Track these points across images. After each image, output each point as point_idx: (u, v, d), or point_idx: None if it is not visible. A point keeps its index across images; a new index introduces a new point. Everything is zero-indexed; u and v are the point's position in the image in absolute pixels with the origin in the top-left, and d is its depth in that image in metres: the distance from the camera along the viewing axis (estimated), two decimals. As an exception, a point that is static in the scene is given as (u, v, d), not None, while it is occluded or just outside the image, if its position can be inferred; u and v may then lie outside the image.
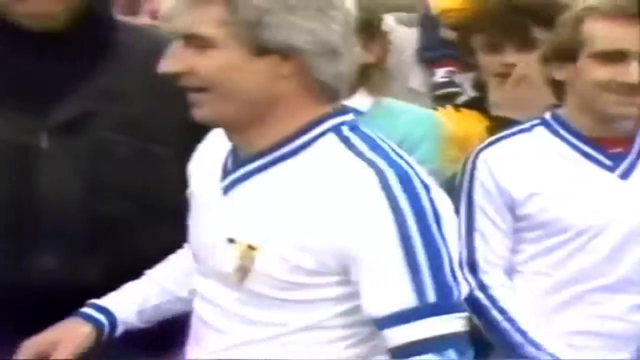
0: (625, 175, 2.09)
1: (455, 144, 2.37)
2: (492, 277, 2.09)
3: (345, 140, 1.46)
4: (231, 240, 1.46)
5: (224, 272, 1.47)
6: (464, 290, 1.45)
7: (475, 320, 2.04)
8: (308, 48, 1.41)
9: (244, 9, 1.38)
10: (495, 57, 2.42)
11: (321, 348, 1.47)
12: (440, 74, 3.13)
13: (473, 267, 2.09)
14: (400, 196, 1.38)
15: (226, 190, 1.50)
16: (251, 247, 1.43)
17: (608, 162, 2.08)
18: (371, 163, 1.41)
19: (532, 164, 2.08)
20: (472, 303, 2.02)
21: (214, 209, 1.53)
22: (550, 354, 2.01)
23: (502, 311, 2.07)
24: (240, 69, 1.41)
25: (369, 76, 2.26)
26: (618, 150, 2.09)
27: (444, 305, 1.40)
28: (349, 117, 1.51)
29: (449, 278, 1.41)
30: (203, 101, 1.45)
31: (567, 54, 2.05)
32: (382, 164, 1.41)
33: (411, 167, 1.44)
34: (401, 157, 1.45)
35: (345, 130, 1.47)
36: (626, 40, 1.99)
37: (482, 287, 2.08)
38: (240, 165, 1.49)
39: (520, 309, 2.07)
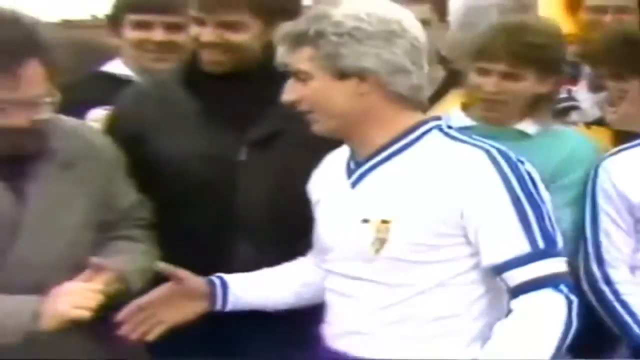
0: None
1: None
2: (617, 272, 2.31)
3: (448, 135, 1.89)
4: (365, 221, 1.86)
5: (361, 248, 1.86)
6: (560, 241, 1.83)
7: (599, 311, 2.31)
8: (378, 69, 1.83)
9: (324, 46, 1.82)
10: (619, 84, 2.59)
11: (444, 306, 1.84)
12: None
13: (600, 262, 2.33)
14: (506, 168, 1.81)
15: (354, 184, 1.92)
16: (384, 222, 1.84)
17: None
18: (477, 146, 1.84)
19: None
20: (597, 295, 2.31)
21: (344, 201, 1.93)
22: None
23: (624, 305, 2.29)
24: (330, 92, 1.85)
25: (539, 106, 2.43)
26: None
27: (551, 250, 1.80)
28: (443, 122, 1.93)
29: (551, 229, 1.80)
30: (314, 119, 1.90)
31: None
32: (485, 145, 1.84)
33: (507, 150, 1.85)
34: (495, 144, 1.86)
35: (445, 128, 1.90)
36: None
37: (608, 281, 2.31)
38: (361, 164, 1.91)
39: None
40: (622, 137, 2.50)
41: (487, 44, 2.36)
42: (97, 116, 2.54)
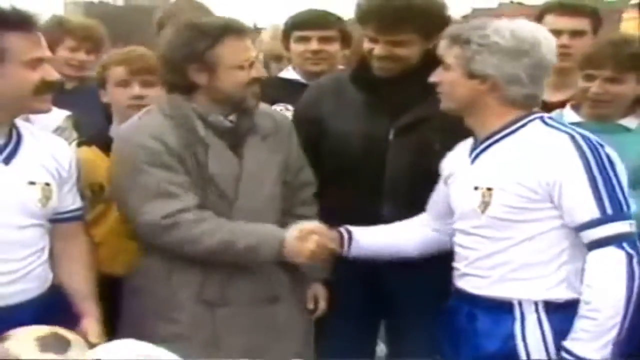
0: None
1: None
2: None
3: (546, 124, 2.40)
4: (476, 188, 2.41)
5: (473, 208, 2.40)
6: (633, 207, 2.30)
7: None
8: (496, 76, 2.36)
9: (467, 50, 2.36)
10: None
11: (534, 255, 2.36)
12: None
13: None
14: (586, 149, 2.31)
15: (472, 161, 2.47)
16: (489, 189, 2.38)
17: None
18: (565, 132, 2.36)
19: None
20: None
21: (465, 174, 2.48)
22: None
23: None
24: (460, 84, 2.39)
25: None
26: None
27: (617, 215, 2.29)
28: (546, 114, 2.44)
29: (620, 198, 2.29)
30: (443, 98, 2.46)
31: None
32: (572, 132, 2.35)
33: (590, 135, 2.34)
34: (582, 131, 2.36)
35: (546, 118, 2.41)
36: None
37: None
38: (478, 145, 2.46)
39: None
40: None
41: (594, 54, 2.85)
42: None
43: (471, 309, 2.43)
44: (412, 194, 2.75)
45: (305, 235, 2.55)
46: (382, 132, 2.83)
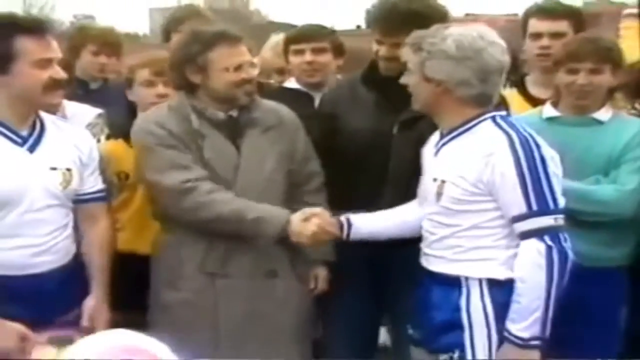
0: None
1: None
2: None
3: (495, 123, 2.65)
4: (434, 179, 2.70)
5: (432, 197, 2.69)
6: (561, 203, 2.56)
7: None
8: (446, 80, 2.63)
9: (420, 56, 2.64)
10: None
11: (479, 240, 2.64)
12: None
13: None
14: (519, 150, 2.56)
15: (435, 153, 2.75)
16: (443, 181, 2.66)
17: None
18: (505, 132, 2.61)
19: None
20: None
21: (429, 165, 2.78)
22: None
23: None
24: (420, 87, 2.69)
25: (612, 95, 3.18)
26: None
27: (542, 211, 2.54)
28: (501, 113, 2.71)
29: (549, 197, 2.54)
30: (412, 99, 2.74)
31: None
32: (511, 132, 2.60)
33: (531, 135, 2.58)
34: (526, 130, 2.60)
35: (497, 118, 2.67)
36: None
37: None
38: (441, 139, 2.73)
39: None
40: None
41: (576, 49, 3.09)
42: None
43: (429, 284, 2.73)
44: (412, 183, 2.99)
45: (309, 218, 2.85)
46: (387, 127, 3.11)
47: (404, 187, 3.02)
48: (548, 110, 3.16)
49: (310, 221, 2.84)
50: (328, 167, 3.19)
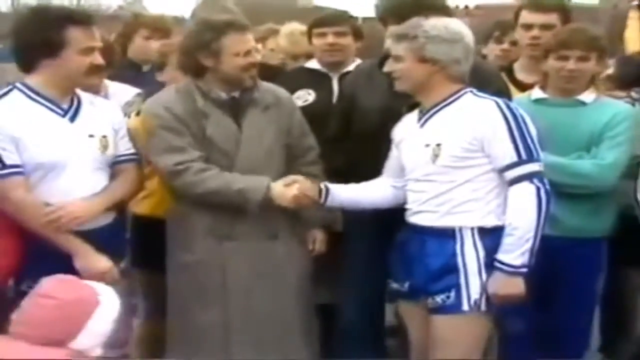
0: None
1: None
2: None
3: (475, 95, 3.05)
4: (427, 145, 3.04)
5: (426, 160, 3.03)
6: (541, 152, 2.96)
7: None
8: (444, 59, 3.00)
9: (418, 42, 3.01)
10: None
11: (472, 193, 3.00)
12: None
13: None
14: (507, 111, 2.97)
15: (422, 125, 3.10)
16: (438, 144, 3.01)
17: None
18: (491, 99, 3.01)
19: None
20: None
21: (416, 136, 3.10)
22: None
23: None
24: (414, 69, 3.04)
25: (595, 80, 3.50)
26: None
27: (530, 159, 2.94)
28: (474, 89, 3.07)
29: (533, 148, 2.94)
30: (399, 82, 3.09)
31: None
32: (497, 99, 3.00)
33: (508, 101, 3.00)
34: (503, 99, 3.02)
35: (475, 91, 3.06)
36: None
37: None
38: (426, 112, 3.09)
39: None
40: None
41: (567, 38, 3.41)
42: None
43: (422, 238, 3.05)
44: None
45: (290, 183, 3.22)
46: (397, 107, 3.37)
47: None
48: (537, 93, 3.48)
49: (291, 186, 3.20)
50: (347, 140, 3.55)
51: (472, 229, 2.98)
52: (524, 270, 2.93)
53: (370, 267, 3.49)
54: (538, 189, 2.92)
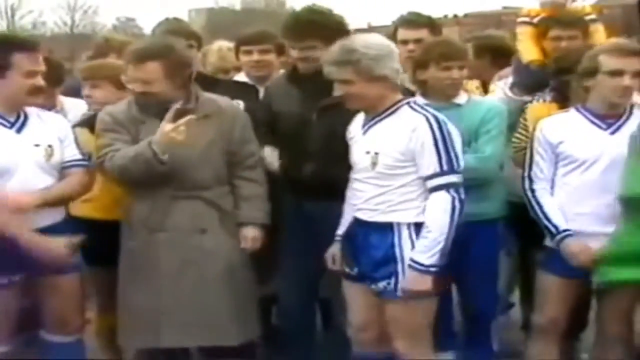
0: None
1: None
2: (538, 185, 3.68)
3: (412, 107, 3.42)
4: (367, 152, 3.42)
5: (366, 166, 3.42)
6: (462, 165, 3.34)
7: (529, 207, 3.69)
8: (388, 74, 3.36)
9: (360, 65, 3.32)
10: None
11: (405, 195, 3.38)
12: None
13: (530, 179, 3.70)
14: (435, 126, 3.34)
15: (364, 132, 3.50)
16: (376, 153, 3.39)
17: None
18: (422, 114, 3.38)
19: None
20: (527, 197, 3.70)
21: (359, 141, 3.50)
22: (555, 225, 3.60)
23: (539, 204, 3.67)
24: (367, 89, 3.36)
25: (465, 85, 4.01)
26: None
27: (449, 171, 3.33)
28: (414, 99, 3.48)
29: (454, 161, 3.33)
30: (352, 103, 3.45)
31: None
32: (427, 114, 3.38)
33: (439, 116, 3.36)
34: (434, 113, 3.38)
35: (412, 103, 3.44)
36: None
37: (532, 190, 3.69)
38: (369, 120, 3.46)
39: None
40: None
41: (448, 51, 3.86)
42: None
43: (366, 230, 3.45)
44: (329, 158, 3.80)
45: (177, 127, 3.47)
46: (308, 113, 3.84)
47: (325, 161, 3.82)
48: (419, 100, 3.79)
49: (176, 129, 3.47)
50: (272, 143, 3.99)
51: (408, 224, 3.37)
52: (434, 269, 3.31)
53: (304, 256, 3.88)
54: (453, 198, 3.30)
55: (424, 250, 3.31)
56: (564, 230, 3.60)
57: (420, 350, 3.47)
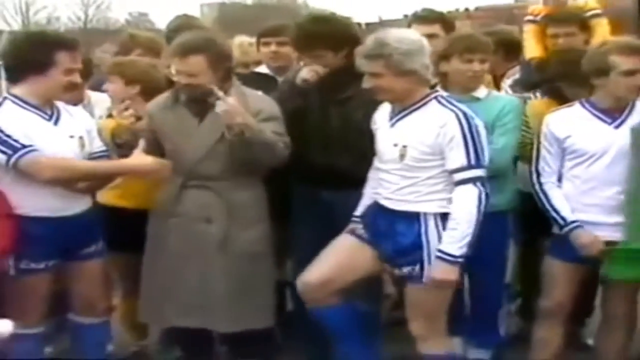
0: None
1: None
2: (545, 178, 3.85)
3: (440, 102, 3.54)
4: (395, 145, 3.54)
5: (393, 158, 3.53)
6: (487, 160, 3.45)
7: (537, 198, 3.86)
8: (418, 69, 3.47)
9: (391, 59, 3.43)
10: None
11: (432, 186, 3.50)
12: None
13: (537, 172, 3.87)
14: (464, 122, 3.45)
15: (392, 125, 3.60)
16: (404, 146, 3.51)
17: None
18: (451, 109, 3.49)
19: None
20: (535, 189, 3.86)
21: (386, 134, 3.61)
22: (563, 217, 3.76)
23: (546, 196, 3.83)
24: (395, 82, 3.47)
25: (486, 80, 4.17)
26: None
27: (476, 165, 3.44)
28: (440, 93, 3.59)
29: (481, 156, 3.44)
30: (381, 94, 3.56)
31: None
32: (456, 109, 3.49)
33: (467, 112, 3.47)
34: (463, 108, 3.48)
35: (440, 98, 3.55)
36: None
37: (540, 182, 3.85)
38: (397, 114, 3.58)
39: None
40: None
41: (471, 44, 4.00)
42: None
43: (391, 218, 3.57)
44: (344, 148, 3.97)
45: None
46: (325, 105, 4.00)
47: (338, 150, 3.97)
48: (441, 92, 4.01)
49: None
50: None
51: (435, 214, 3.49)
52: (462, 260, 3.43)
53: (315, 239, 3.89)
54: (480, 192, 3.41)
55: (452, 241, 3.42)
56: (572, 222, 3.74)
57: (435, 333, 3.64)
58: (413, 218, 3.51)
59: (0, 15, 43.35)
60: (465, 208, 3.42)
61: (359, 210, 3.78)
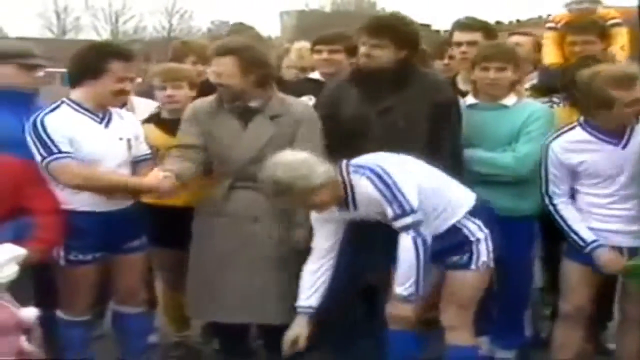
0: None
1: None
2: (558, 200, 3.88)
3: (353, 172, 3.67)
4: (376, 219, 3.67)
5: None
6: (415, 204, 3.53)
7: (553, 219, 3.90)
8: (324, 180, 3.53)
9: (299, 195, 3.54)
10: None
11: (449, 205, 3.67)
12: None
13: (548, 195, 3.89)
14: (375, 180, 3.58)
15: (354, 212, 3.69)
16: (379, 215, 3.63)
17: None
18: (362, 174, 3.64)
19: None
20: (549, 211, 3.90)
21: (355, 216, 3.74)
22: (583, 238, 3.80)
23: (562, 217, 3.87)
24: (323, 198, 3.63)
25: (514, 86, 4.19)
26: None
27: (402, 214, 3.52)
28: (345, 164, 3.66)
29: (404, 204, 3.51)
30: (326, 208, 3.68)
31: None
32: (364, 171, 3.63)
33: (375, 168, 3.59)
34: (370, 165, 3.59)
35: (348, 169, 3.67)
36: None
37: (553, 204, 3.88)
38: (349, 207, 3.69)
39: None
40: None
41: (487, 53, 4.13)
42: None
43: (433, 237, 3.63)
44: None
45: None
46: (368, 113, 3.99)
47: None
48: (469, 99, 4.17)
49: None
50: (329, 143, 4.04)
51: (465, 215, 3.67)
52: (412, 298, 3.56)
53: (347, 263, 3.90)
54: (414, 237, 3.51)
55: (398, 283, 3.58)
56: (592, 242, 3.79)
57: (464, 326, 3.75)
58: (451, 229, 3.67)
59: (92, 25, 44.74)
60: (403, 254, 3.54)
61: None
